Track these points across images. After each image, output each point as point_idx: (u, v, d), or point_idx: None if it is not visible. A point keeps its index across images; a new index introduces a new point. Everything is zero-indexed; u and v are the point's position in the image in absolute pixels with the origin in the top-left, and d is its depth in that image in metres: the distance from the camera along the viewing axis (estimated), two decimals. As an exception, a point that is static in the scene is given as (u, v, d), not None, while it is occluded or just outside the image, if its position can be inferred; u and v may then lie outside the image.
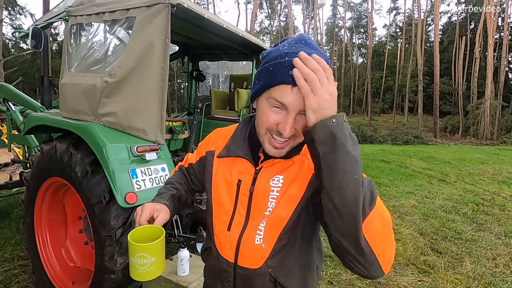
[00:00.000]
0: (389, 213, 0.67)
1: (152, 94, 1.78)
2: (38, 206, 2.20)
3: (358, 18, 47.90)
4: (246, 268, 0.82)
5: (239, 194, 0.83)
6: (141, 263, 0.72)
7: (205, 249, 0.96)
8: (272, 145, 0.75)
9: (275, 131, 0.73)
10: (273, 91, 0.70)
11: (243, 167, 0.84)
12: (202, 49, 3.41)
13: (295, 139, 0.75)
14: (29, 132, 2.31)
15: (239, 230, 0.82)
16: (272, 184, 0.80)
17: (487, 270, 2.89)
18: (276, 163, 0.81)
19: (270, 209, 0.79)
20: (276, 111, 0.71)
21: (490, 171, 7.76)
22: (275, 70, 0.69)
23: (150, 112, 1.80)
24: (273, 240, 0.79)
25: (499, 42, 29.71)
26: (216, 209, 0.87)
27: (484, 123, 23.90)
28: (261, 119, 0.75)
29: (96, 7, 2.00)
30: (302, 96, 0.64)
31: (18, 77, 14.59)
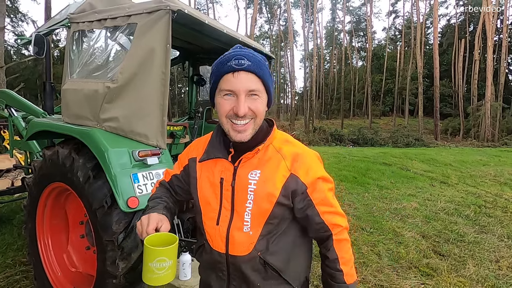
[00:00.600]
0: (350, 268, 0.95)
1: (153, 99, 1.79)
2: (40, 211, 2.21)
3: (357, 21, 48.17)
4: (237, 256, 0.90)
5: (222, 190, 0.91)
6: (160, 267, 0.75)
7: (198, 248, 1.03)
8: (235, 130, 0.86)
9: (233, 116, 0.85)
10: (220, 84, 0.86)
11: (223, 166, 0.93)
12: (203, 53, 3.44)
13: (255, 120, 0.88)
14: (31, 137, 2.33)
15: (227, 223, 0.90)
16: (250, 178, 0.89)
17: (490, 273, 2.87)
18: (252, 157, 0.91)
19: (250, 201, 0.88)
20: (228, 99, 0.85)
21: (492, 173, 7.73)
22: (218, 68, 0.86)
23: (151, 117, 1.81)
24: (259, 227, 0.89)
25: (498, 44, 29.80)
26: (204, 208, 0.95)
27: (485, 125, 23.87)
28: (220, 111, 0.88)
29: (98, 14, 2.03)
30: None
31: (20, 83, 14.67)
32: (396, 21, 46.02)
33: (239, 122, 0.85)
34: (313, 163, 0.94)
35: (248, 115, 0.85)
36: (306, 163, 0.92)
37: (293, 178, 0.89)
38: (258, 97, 0.86)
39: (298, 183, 0.89)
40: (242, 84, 0.83)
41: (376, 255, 3.17)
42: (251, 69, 0.83)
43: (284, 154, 0.92)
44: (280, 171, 0.89)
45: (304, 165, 0.91)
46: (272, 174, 0.89)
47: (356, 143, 21.40)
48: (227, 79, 0.84)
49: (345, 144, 20.60)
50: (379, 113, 39.03)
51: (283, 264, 0.92)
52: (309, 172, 0.91)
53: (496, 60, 29.85)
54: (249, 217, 0.88)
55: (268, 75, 0.88)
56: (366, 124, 32.85)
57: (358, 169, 7.63)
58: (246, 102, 0.84)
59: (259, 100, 0.87)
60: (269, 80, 0.88)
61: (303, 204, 0.91)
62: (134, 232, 1.74)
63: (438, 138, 24.54)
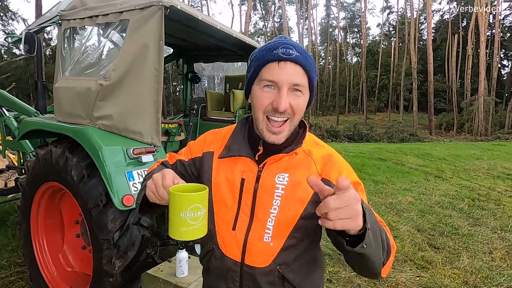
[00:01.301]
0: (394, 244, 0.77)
1: (147, 96, 1.78)
2: (34, 211, 2.19)
3: (351, 17, 48.24)
4: (254, 267, 0.81)
5: (242, 192, 0.81)
6: (194, 216, 0.65)
7: (206, 252, 0.91)
8: (270, 130, 0.78)
9: (271, 111, 0.76)
10: (262, 73, 0.76)
11: (246, 166, 0.83)
12: (197, 50, 3.42)
13: (292, 120, 0.79)
14: (24, 137, 2.30)
15: (245, 229, 0.81)
16: (277, 181, 0.80)
17: (484, 264, 2.92)
18: (280, 160, 0.82)
19: (275, 207, 0.79)
20: (268, 91, 0.76)
21: (485, 167, 7.84)
22: (261, 54, 0.76)
23: (145, 114, 1.80)
24: (282, 239, 0.79)
25: (491, 39, 30.09)
26: (219, 209, 0.84)
27: (478, 120, 24.17)
28: (256, 104, 0.78)
29: (89, 11, 2.00)
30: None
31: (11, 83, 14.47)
32: (390, 17, 46.23)
33: (276, 118, 0.76)
34: (346, 166, 0.85)
35: (288, 112, 0.76)
36: (338, 165, 0.83)
37: (326, 182, 0.77)
38: (301, 94, 0.77)
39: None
40: (287, 76, 0.73)
41: (372, 249, 3.20)
42: (300, 61, 0.74)
43: (314, 158, 0.83)
44: (312, 172, 0.81)
45: (336, 168, 0.83)
46: (302, 178, 0.79)
47: (352, 139, 21.51)
48: (271, 68, 0.74)
49: (340, 140, 20.69)
50: (374, 109, 39.23)
51: (302, 279, 0.84)
52: (343, 175, 0.82)
53: (489, 55, 30.15)
54: (272, 224, 0.79)
55: (315, 71, 0.79)
56: (361, 120, 33.01)
57: (354, 165, 7.64)
58: (288, 97, 0.75)
59: (301, 97, 0.78)
60: (315, 77, 0.80)
61: None
62: (130, 230, 1.73)
63: (433, 133, 24.77)
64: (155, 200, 0.74)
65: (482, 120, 23.93)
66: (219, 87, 4.04)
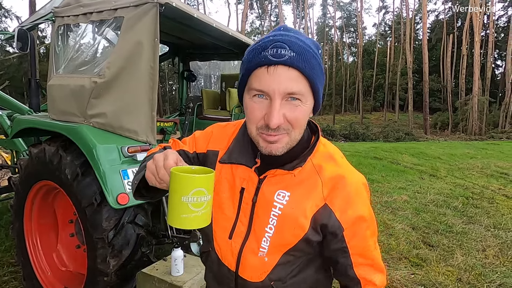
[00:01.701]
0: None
1: (142, 94, 1.76)
2: (28, 210, 2.16)
3: (348, 17, 48.38)
4: (247, 280, 0.76)
5: (242, 202, 0.76)
6: (197, 202, 0.56)
7: (204, 252, 0.89)
8: (266, 140, 0.66)
9: (264, 128, 0.64)
10: (250, 81, 0.64)
11: (246, 175, 0.76)
12: (193, 49, 3.40)
13: (290, 132, 0.66)
14: (17, 135, 2.27)
15: (241, 239, 0.76)
16: (277, 199, 0.72)
17: (477, 262, 2.96)
18: (281, 175, 0.72)
19: (271, 226, 0.72)
20: (259, 101, 0.64)
21: (479, 165, 7.92)
22: (249, 57, 0.64)
23: (140, 112, 1.79)
24: (277, 255, 0.74)
25: (485, 39, 30.38)
26: (216, 214, 0.78)
27: (472, 119, 24.42)
28: (248, 118, 0.68)
29: (83, 8, 1.98)
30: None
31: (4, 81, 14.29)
32: (386, 17, 46.49)
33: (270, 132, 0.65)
34: (356, 194, 0.73)
35: (282, 127, 0.63)
36: (347, 193, 0.71)
37: (326, 210, 0.71)
38: (300, 103, 0.63)
39: (331, 219, 0.71)
40: (279, 83, 0.60)
41: (367, 247, 3.22)
42: (294, 63, 0.59)
43: (323, 177, 0.72)
44: (314, 198, 0.71)
45: (344, 196, 0.71)
46: (304, 199, 0.71)
47: (348, 138, 21.61)
48: (259, 75, 0.62)
49: (336, 139, 20.78)
50: (370, 108, 39.45)
51: None
52: (349, 207, 0.71)
53: (483, 55, 30.46)
54: (267, 244, 0.73)
55: (319, 71, 0.64)
56: (357, 119, 33.19)
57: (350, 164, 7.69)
58: (282, 109, 0.62)
59: (301, 107, 0.63)
60: (318, 79, 0.64)
61: (336, 248, 0.73)
62: (125, 229, 1.72)
63: (428, 132, 24.99)
64: (154, 183, 0.65)
65: (476, 120, 24.18)
66: (215, 85, 4.03)
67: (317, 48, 0.65)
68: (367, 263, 0.75)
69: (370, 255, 0.76)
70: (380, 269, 0.77)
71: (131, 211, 1.77)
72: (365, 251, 0.75)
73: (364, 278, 0.75)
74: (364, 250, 0.75)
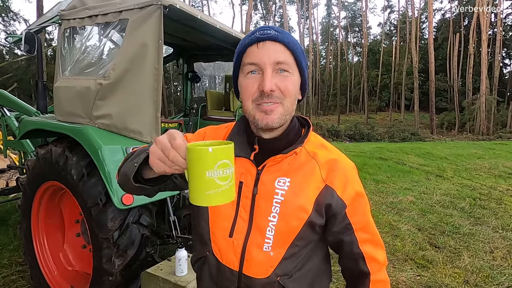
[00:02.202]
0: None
1: (147, 95, 1.78)
2: (35, 210, 2.20)
3: (352, 17, 48.16)
4: (252, 277, 0.75)
5: (240, 197, 0.75)
6: (224, 175, 0.53)
7: (198, 259, 0.84)
8: (262, 111, 0.70)
9: (259, 97, 0.70)
10: (243, 60, 0.73)
11: (244, 168, 0.76)
12: (197, 50, 3.42)
13: (283, 101, 0.71)
14: (24, 136, 2.31)
15: (243, 236, 0.75)
16: (278, 186, 0.74)
17: (485, 263, 2.91)
18: (281, 162, 0.75)
19: (274, 214, 0.73)
20: (253, 77, 0.71)
21: (487, 166, 7.81)
22: (241, 43, 0.74)
23: (145, 113, 1.80)
24: (283, 248, 0.74)
25: (492, 38, 29.97)
26: (213, 215, 0.78)
27: (480, 119, 24.07)
28: (243, 94, 0.73)
29: (89, 10, 2.01)
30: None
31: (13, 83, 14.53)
32: (391, 16, 46.14)
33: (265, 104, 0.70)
34: (351, 174, 0.79)
35: (276, 95, 0.70)
36: (344, 173, 0.77)
37: (329, 190, 0.74)
38: (288, 74, 0.71)
39: (334, 198, 0.74)
40: (268, 54, 0.69)
41: (372, 248, 3.20)
42: (279, 39, 0.69)
43: (319, 161, 0.76)
44: (314, 181, 0.74)
45: (342, 176, 0.76)
46: (304, 183, 0.74)
47: (353, 138, 21.49)
48: (250, 52, 0.71)
49: (341, 139, 20.67)
50: (375, 108, 39.17)
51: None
52: (348, 185, 0.76)
53: (491, 54, 30.04)
54: (272, 233, 0.73)
55: (301, 50, 0.73)
56: (362, 119, 32.99)
57: (355, 164, 7.64)
58: (273, 79, 0.69)
59: (289, 77, 0.71)
60: (301, 55, 0.72)
61: (340, 227, 0.76)
62: (130, 229, 1.74)
63: (434, 132, 24.71)
64: (163, 169, 0.59)
65: (484, 119, 23.84)
66: (220, 86, 4.04)
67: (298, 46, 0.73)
68: (370, 239, 0.79)
69: (372, 230, 0.80)
70: (380, 245, 0.82)
71: (136, 211, 1.78)
72: (367, 226, 0.79)
73: (369, 255, 0.79)
74: (366, 225, 0.79)
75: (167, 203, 2.07)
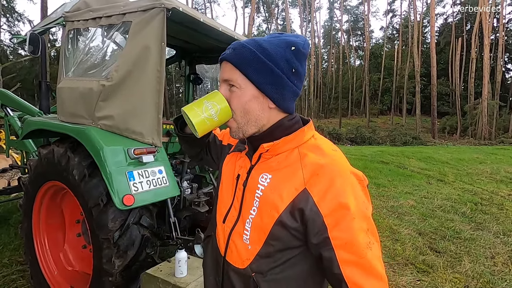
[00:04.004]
0: None
1: (149, 97, 1.79)
2: (36, 210, 2.21)
3: (355, 20, 48.23)
4: (232, 265, 0.80)
5: (236, 188, 0.83)
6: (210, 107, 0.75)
7: (207, 237, 0.97)
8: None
9: None
10: None
11: (243, 162, 0.85)
12: (199, 52, 3.43)
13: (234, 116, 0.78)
14: (26, 136, 2.32)
15: (232, 224, 0.82)
16: (260, 181, 0.77)
17: (486, 269, 2.90)
18: (270, 159, 0.79)
19: (254, 208, 0.76)
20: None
21: (488, 171, 7.78)
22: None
23: (147, 115, 1.81)
24: (258, 245, 0.75)
25: (495, 42, 29.96)
26: (219, 199, 0.90)
27: (482, 123, 24.00)
28: None
29: (93, 12, 2.03)
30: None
31: (16, 83, 14.61)
32: (394, 20, 46.18)
33: None
34: (339, 182, 0.69)
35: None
36: (329, 179, 0.69)
37: (305, 195, 0.69)
38: (236, 89, 0.76)
39: (308, 204, 0.69)
40: (222, 72, 0.80)
41: (372, 252, 3.19)
42: (228, 58, 0.76)
43: (305, 162, 0.73)
44: (294, 182, 0.72)
45: (325, 182, 0.69)
46: (282, 182, 0.73)
47: (354, 141, 21.45)
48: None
49: (343, 143, 20.64)
50: (377, 112, 39.12)
51: None
52: (329, 193, 0.68)
53: (493, 59, 30.00)
54: (250, 226, 0.76)
55: (257, 63, 0.73)
56: (364, 123, 32.92)
57: (356, 168, 7.62)
58: (225, 92, 0.78)
59: (236, 92, 0.76)
60: (253, 71, 0.74)
61: (318, 240, 0.68)
62: (130, 230, 1.74)
63: (436, 136, 24.63)
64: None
65: (485, 124, 23.76)
66: (222, 89, 4.04)
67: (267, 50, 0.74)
68: (355, 261, 0.66)
69: (359, 252, 0.66)
70: (374, 274, 0.66)
71: (137, 212, 1.79)
72: (351, 245, 0.66)
73: (352, 281, 0.65)
74: (349, 243, 0.66)
75: (167, 205, 2.08)
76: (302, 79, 0.79)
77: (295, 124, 0.81)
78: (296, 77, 0.77)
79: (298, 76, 0.77)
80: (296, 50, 0.74)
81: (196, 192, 2.66)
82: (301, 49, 0.75)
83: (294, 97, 0.79)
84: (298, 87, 0.78)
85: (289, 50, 0.74)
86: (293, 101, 0.80)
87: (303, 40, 0.77)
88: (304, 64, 0.78)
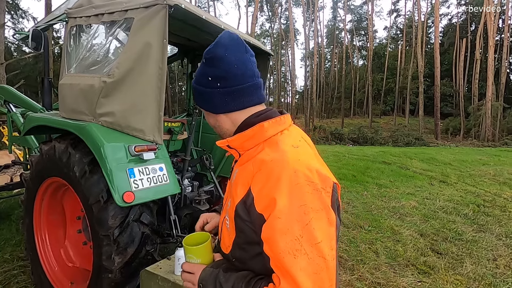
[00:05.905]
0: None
1: (150, 94, 1.79)
2: (37, 206, 2.21)
3: (358, 20, 48.01)
4: (222, 250, 0.87)
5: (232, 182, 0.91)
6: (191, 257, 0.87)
7: None
8: None
9: None
10: None
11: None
12: (202, 50, 3.42)
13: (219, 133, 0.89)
14: (28, 132, 2.33)
15: (225, 213, 0.87)
16: (233, 176, 0.85)
17: (487, 271, 2.88)
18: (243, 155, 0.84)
19: (230, 199, 0.83)
20: None
21: (491, 173, 7.72)
22: None
23: (148, 112, 1.81)
24: (233, 233, 0.79)
25: (499, 43, 29.71)
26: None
27: (485, 125, 23.83)
28: None
29: (95, 9, 2.02)
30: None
31: (20, 80, 14.67)
32: (398, 20, 45.88)
33: None
34: (277, 178, 0.67)
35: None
36: (267, 175, 0.69)
37: (250, 191, 0.72)
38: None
39: (249, 199, 0.71)
40: None
41: (373, 252, 3.18)
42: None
43: (255, 159, 0.76)
44: (247, 177, 0.75)
45: (263, 178, 0.70)
46: (241, 177, 0.78)
47: (356, 142, 21.39)
48: None
49: (345, 143, 20.59)
50: (379, 112, 38.96)
51: None
52: (264, 188, 0.68)
53: (498, 60, 29.77)
54: (227, 215, 0.81)
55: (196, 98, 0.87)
56: (366, 123, 32.80)
57: (358, 168, 7.63)
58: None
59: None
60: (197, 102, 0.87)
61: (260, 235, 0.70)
62: (130, 227, 1.74)
63: (439, 137, 24.50)
64: None
65: (489, 126, 23.60)
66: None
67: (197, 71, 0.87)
68: (274, 261, 0.65)
69: (276, 255, 0.63)
70: (292, 284, 0.61)
71: (137, 209, 1.79)
72: (271, 245, 0.65)
73: (275, 275, 0.66)
74: (270, 242, 0.65)
75: (168, 202, 2.08)
76: (227, 76, 0.78)
77: (261, 120, 0.79)
78: (215, 81, 0.79)
79: (217, 78, 0.79)
80: (206, 61, 0.81)
81: (197, 190, 2.65)
82: (206, 56, 0.81)
83: (229, 96, 0.80)
84: (224, 85, 0.79)
85: (202, 64, 0.83)
86: (233, 99, 0.80)
87: (212, 44, 0.83)
88: (218, 63, 0.79)
